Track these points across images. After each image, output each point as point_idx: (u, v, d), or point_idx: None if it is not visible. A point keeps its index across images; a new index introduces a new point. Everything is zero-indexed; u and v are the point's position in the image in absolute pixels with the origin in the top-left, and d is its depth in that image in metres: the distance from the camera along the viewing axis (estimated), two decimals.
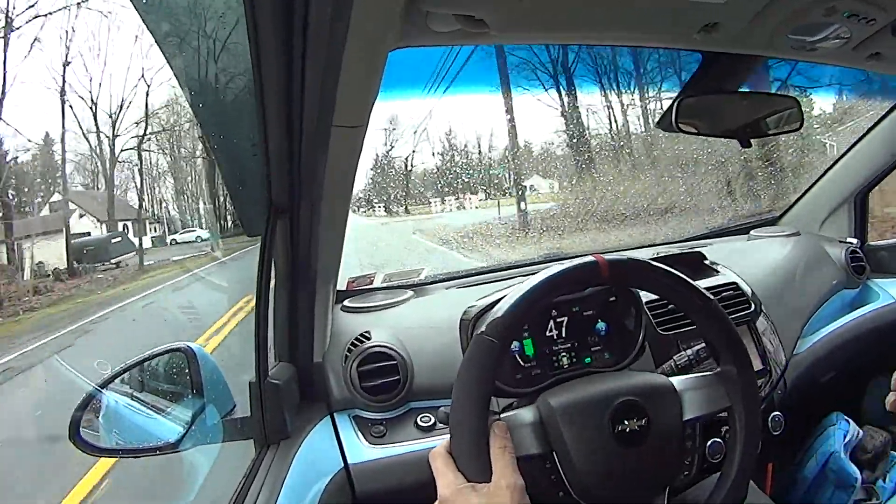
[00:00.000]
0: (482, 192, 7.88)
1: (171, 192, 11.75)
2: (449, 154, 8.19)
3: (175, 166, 11.57)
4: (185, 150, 11.60)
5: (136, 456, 1.02)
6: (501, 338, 0.74)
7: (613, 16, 0.75)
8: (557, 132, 7.24)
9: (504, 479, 0.68)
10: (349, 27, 0.60)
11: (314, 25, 0.63)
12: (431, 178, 8.24)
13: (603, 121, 6.65)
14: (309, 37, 0.65)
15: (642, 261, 0.84)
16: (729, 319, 0.84)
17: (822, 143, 3.48)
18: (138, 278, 9.70)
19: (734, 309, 1.31)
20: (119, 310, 8.01)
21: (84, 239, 10.04)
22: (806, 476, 1.48)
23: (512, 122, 6.50)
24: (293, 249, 1.01)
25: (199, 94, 0.84)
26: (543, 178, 7.44)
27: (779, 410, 1.24)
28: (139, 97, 10.66)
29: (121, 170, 10.79)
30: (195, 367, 1.05)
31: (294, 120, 0.77)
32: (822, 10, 0.73)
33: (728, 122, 1.04)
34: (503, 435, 0.73)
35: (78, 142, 10.44)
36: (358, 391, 1.13)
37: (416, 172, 8.02)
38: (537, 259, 1.65)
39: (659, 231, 4.18)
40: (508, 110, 6.42)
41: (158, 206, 11.60)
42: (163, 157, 11.47)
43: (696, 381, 0.83)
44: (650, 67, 6.04)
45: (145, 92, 10.42)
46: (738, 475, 0.79)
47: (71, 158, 10.40)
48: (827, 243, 1.72)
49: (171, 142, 11.39)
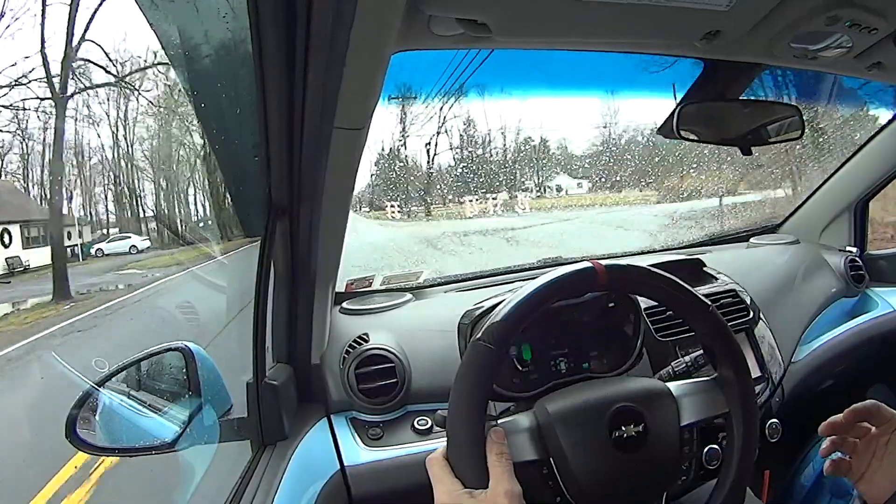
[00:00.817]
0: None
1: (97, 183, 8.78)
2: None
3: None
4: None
5: (132, 455, 1.02)
6: (498, 344, 0.74)
7: (616, 22, 0.75)
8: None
9: (501, 485, 0.68)
10: (351, 30, 0.60)
11: (316, 28, 0.63)
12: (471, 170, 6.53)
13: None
14: (311, 39, 0.65)
15: (640, 266, 0.84)
16: (727, 325, 0.83)
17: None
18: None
19: (733, 316, 1.31)
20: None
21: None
22: (803, 484, 1.48)
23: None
24: (292, 251, 1.01)
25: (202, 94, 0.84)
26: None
27: (776, 418, 1.24)
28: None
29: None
30: (193, 367, 1.04)
31: (295, 121, 0.77)
32: (824, 18, 0.74)
33: (729, 129, 1.04)
34: (500, 441, 0.73)
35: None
36: (355, 393, 1.13)
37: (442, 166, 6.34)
38: (536, 264, 1.65)
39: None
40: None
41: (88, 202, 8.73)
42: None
43: (693, 387, 0.83)
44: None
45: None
46: (735, 481, 0.79)
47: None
48: (826, 252, 1.72)
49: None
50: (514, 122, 6.14)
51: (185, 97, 7.99)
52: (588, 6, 0.70)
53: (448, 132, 5.81)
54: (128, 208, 8.98)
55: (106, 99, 8.58)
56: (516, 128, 6.19)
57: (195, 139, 9.03)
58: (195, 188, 9.22)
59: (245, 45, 0.66)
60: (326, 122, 0.74)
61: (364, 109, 0.75)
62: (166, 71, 8.28)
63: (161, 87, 8.81)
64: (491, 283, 1.52)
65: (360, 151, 0.83)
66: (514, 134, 6.20)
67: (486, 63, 2.50)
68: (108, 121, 8.67)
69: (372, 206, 5.59)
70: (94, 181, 8.77)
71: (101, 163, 8.89)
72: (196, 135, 8.90)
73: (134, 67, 8.58)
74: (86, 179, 8.73)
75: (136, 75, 8.65)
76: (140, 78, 8.69)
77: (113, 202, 8.94)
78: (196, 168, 9.09)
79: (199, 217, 9.20)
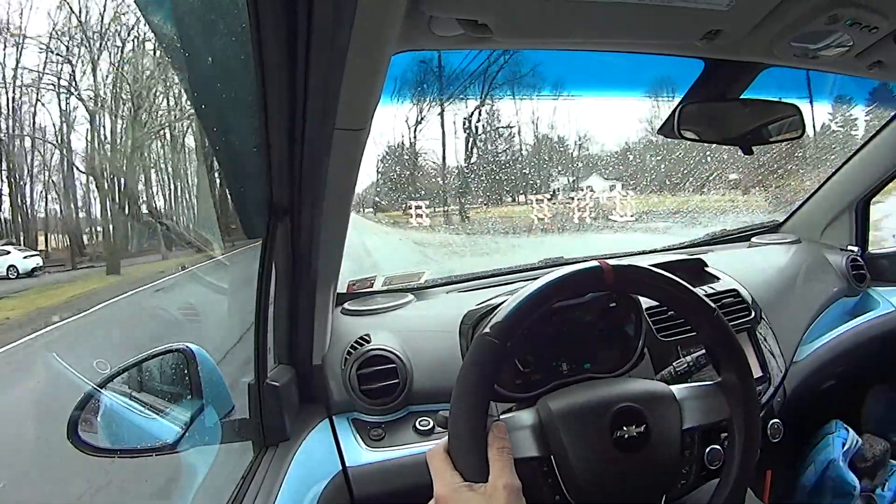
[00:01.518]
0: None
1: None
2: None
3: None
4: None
5: (133, 456, 1.02)
6: (503, 338, 0.74)
7: (617, 22, 0.75)
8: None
9: (501, 479, 0.68)
10: (352, 30, 0.60)
11: (317, 28, 0.63)
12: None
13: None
14: (312, 40, 0.65)
15: (645, 267, 0.84)
16: (730, 328, 0.83)
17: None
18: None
19: (735, 316, 1.31)
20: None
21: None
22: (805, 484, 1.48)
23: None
24: (294, 251, 1.01)
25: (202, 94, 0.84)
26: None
27: (778, 418, 1.24)
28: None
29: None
30: (194, 368, 1.04)
31: (296, 122, 0.77)
32: (825, 18, 0.74)
33: (730, 129, 1.04)
34: (502, 436, 0.73)
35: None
36: (357, 394, 1.13)
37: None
38: (538, 264, 1.64)
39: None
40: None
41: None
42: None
43: (696, 391, 0.83)
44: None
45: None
46: (736, 482, 0.79)
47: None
48: (828, 251, 1.72)
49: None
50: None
51: (186, 97, 7.62)
52: (588, 6, 0.70)
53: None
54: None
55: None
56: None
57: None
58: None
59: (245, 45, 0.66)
60: (327, 123, 0.74)
61: (365, 110, 0.75)
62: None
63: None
64: (492, 283, 1.52)
65: (360, 152, 0.83)
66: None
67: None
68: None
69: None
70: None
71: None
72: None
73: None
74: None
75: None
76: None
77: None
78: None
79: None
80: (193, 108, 8.22)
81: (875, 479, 1.50)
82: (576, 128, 6.24)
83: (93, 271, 5.86)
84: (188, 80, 0.79)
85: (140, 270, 5.83)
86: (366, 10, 0.58)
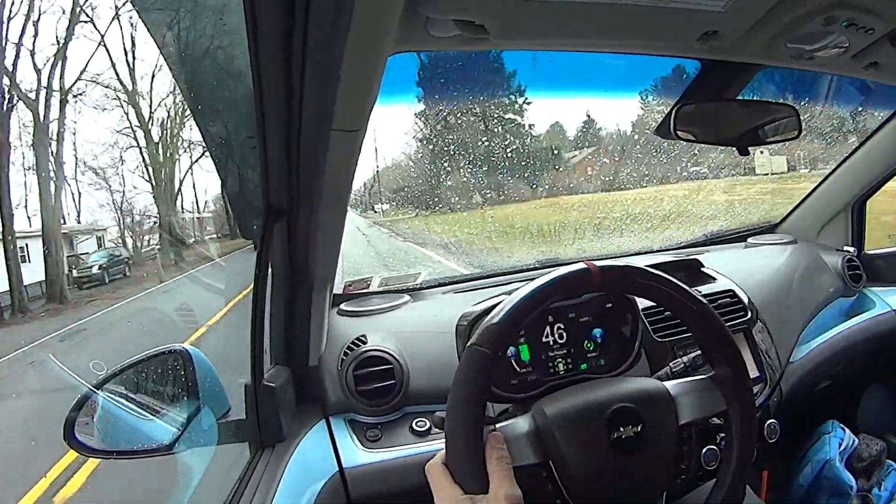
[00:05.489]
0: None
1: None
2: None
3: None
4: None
5: (130, 457, 1.02)
6: (494, 348, 0.74)
7: (613, 23, 0.75)
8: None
9: (502, 489, 0.68)
10: (349, 31, 0.60)
11: (314, 29, 0.63)
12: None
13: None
14: (308, 40, 0.65)
15: (634, 266, 0.84)
16: (722, 322, 0.84)
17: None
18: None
19: (731, 316, 1.31)
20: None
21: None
22: (801, 483, 1.48)
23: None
24: (290, 253, 1.01)
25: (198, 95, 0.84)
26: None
27: (774, 418, 1.24)
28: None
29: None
30: (190, 369, 1.04)
31: (293, 123, 0.77)
32: (821, 19, 0.74)
33: (726, 129, 1.04)
34: (499, 445, 0.72)
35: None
36: (353, 395, 1.13)
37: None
38: (534, 265, 1.65)
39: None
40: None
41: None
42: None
43: (690, 386, 0.84)
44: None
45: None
46: (734, 480, 0.79)
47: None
48: (824, 251, 1.73)
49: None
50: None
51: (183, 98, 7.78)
52: (584, 7, 0.70)
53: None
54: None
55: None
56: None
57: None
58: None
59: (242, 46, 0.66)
60: (324, 124, 0.74)
61: (361, 111, 0.75)
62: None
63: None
64: (488, 284, 1.52)
65: (357, 153, 0.83)
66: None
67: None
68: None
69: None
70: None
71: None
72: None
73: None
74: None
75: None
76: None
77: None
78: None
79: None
80: (190, 110, 8.30)
81: (871, 479, 1.50)
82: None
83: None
84: (185, 80, 0.79)
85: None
86: (362, 11, 0.58)
